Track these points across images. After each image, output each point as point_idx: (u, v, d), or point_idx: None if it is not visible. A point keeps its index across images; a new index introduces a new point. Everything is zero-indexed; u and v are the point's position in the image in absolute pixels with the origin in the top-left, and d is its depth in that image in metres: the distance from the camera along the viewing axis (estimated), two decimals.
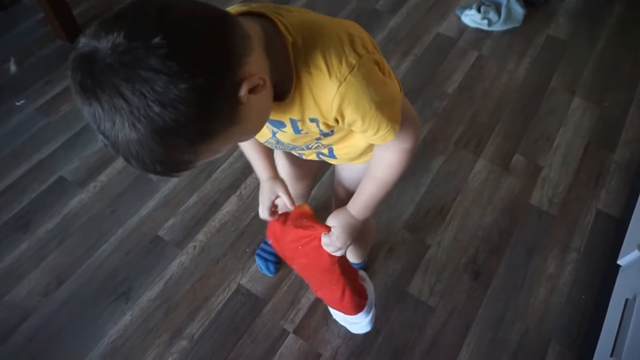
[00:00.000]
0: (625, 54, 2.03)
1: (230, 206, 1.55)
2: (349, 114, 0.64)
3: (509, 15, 2.09)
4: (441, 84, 1.89)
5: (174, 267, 1.43)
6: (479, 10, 2.08)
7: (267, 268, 1.40)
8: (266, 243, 1.44)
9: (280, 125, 0.71)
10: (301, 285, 1.39)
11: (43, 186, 1.59)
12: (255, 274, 1.42)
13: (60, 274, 1.41)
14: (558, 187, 1.62)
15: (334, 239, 0.84)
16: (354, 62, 0.61)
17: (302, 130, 0.70)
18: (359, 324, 1.07)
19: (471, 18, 2.10)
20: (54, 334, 1.31)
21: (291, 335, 1.32)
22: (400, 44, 2.03)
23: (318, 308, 1.36)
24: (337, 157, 0.87)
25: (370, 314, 1.05)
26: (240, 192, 1.58)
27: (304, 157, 0.93)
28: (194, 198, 1.57)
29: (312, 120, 0.67)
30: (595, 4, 2.23)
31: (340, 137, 0.79)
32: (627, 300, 1.21)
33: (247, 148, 0.92)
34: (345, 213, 0.84)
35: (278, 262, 1.41)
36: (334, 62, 0.60)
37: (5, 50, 1.95)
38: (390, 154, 0.76)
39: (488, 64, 1.98)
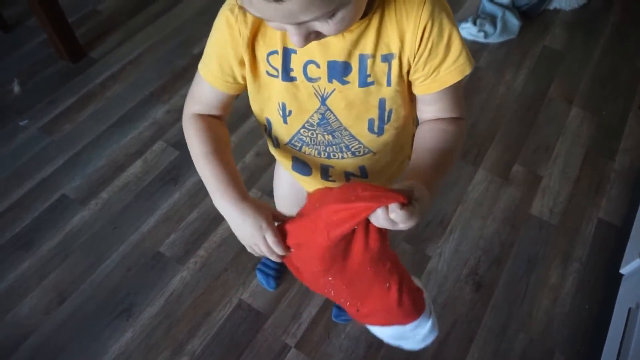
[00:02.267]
0: (622, 62, 2.04)
1: None
2: (440, 23, 0.62)
3: (505, 27, 2.11)
4: None
5: (175, 283, 1.43)
6: (474, 23, 2.10)
7: (268, 283, 1.40)
8: (267, 257, 1.43)
9: (343, 70, 0.66)
10: (302, 299, 1.39)
11: (45, 204, 1.60)
12: (256, 288, 1.42)
13: (62, 292, 1.41)
14: (558, 196, 1.62)
15: (414, 215, 0.55)
16: None
17: (368, 76, 0.66)
18: (420, 331, 0.73)
19: (467, 31, 2.12)
20: (55, 352, 1.31)
21: (293, 350, 1.31)
22: None
23: (320, 322, 1.35)
24: (368, 176, 0.84)
25: (432, 314, 0.74)
26: None
27: (329, 174, 0.83)
28: (194, 214, 1.58)
29: (384, 58, 0.65)
30: (590, 13, 2.25)
31: (389, 136, 0.75)
32: (630, 309, 1.20)
33: (203, 163, 0.74)
34: (425, 189, 0.60)
35: (279, 277, 1.41)
36: None
37: (9, 71, 1.98)
38: (448, 124, 0.71)
39: (485, 75, 1.99)
